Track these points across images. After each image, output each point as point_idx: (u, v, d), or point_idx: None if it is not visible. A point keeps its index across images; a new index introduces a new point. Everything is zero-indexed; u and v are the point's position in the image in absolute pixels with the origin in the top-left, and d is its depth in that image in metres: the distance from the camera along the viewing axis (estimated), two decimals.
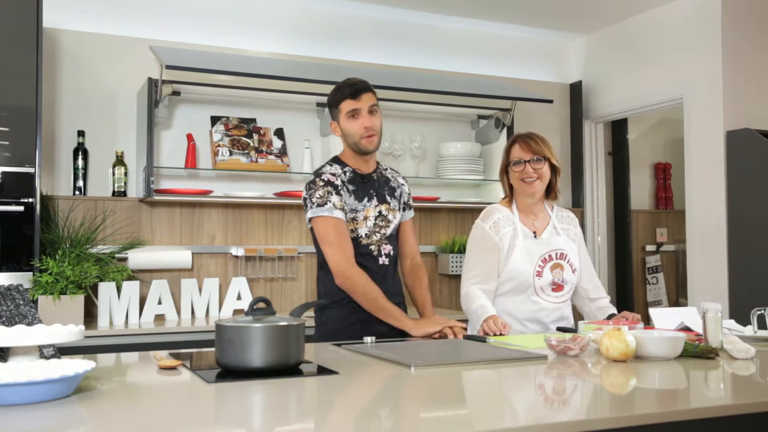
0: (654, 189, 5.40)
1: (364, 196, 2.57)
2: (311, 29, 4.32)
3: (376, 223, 2.58)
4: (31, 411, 1.34)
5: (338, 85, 2.61)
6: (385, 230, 2.61)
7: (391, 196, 2.66)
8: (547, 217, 2.77)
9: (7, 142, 3.09)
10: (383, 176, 2.70)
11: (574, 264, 2.69)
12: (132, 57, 3.86)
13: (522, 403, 1.58)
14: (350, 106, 2.55)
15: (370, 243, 2.57)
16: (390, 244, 2.63)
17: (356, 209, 2.54)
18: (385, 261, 2.60)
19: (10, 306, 1.81)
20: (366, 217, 2.56)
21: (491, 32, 4.80)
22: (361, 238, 2.55)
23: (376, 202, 2.60)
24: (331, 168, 2.59)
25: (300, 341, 1.78)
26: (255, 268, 3.99)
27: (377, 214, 2.59)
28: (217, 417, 1.42)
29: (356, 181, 2.59)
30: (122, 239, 3.71)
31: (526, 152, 2.68)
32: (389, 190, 2.67)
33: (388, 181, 2.70)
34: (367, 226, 2.56)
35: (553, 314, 2.66)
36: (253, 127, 4.02)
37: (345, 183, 2.55)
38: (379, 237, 2.59)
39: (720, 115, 4.01)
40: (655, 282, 5.25)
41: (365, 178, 2.61)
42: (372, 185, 2.62)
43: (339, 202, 2.49)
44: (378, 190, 2.63)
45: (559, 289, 2.66)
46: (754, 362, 1.97)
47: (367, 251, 2.56)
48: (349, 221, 2.53)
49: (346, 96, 2.56)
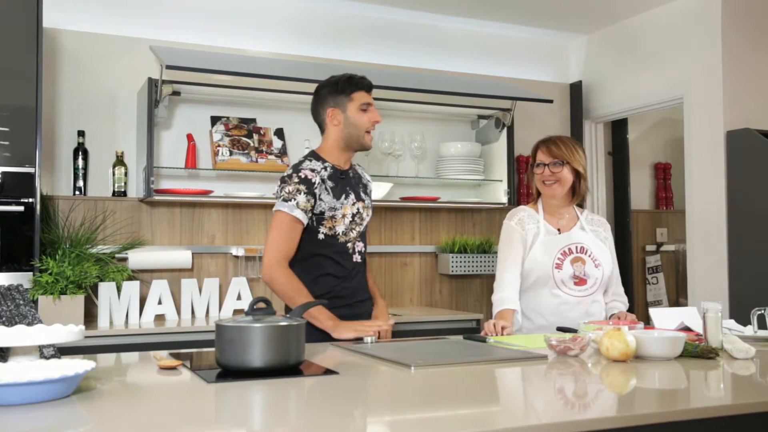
0: (654, 189, 5.40)
1: (342, 193, 2.55)
2: (311, 29, 4.32)
3: (354, 221, 2.57)
4: (31, 411, 1.34)
5: (347, 75, 2.57)
6: (359, 228, 2.60)
7: (365, 194, 2.67)
8: (575, 218, 2.79)
9: (7, 142, 3.09)
10: (356, 173, 2.68)
11: (597, 259, 2.69)
12: (132, 57, 3.86)
13: (522, 404, 1.58)
14: (365, 99, 2.54)
15: (347, 241, 2.56)
16: (362, 241, 2.63)
17: (335, 207, 2.51)
18: (358, 258, 2.60)
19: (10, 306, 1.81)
20: (344, 214, 2.54)
21: (491, 32, 4.80)
22: (338, 235, 2.53)
23: (354, 199, 2.58)
24: (311, 164, 2.54)
25: (300, 341, 1.78)
26: (255, 268, 3.99)
27: (355, 212, 2.58)
28: (217, 417, 1.42)
29: (336, 177, 2.55)
30: (122, 239, 3.71)
31: (547, 155, 2.72)
32: (362, 187, 2.67)
33: (360, 178, 2.69)
34: (344, 223, 2.54)
35: (576, 309, 2.64)
36: (253, 127, 4.02)
37: (324, 180, 2.51)
38: (354, 235, 2.58)
39: (720, 115, 4.01)
40: (655, 282, 5.25)
41: (343, 174, 2.59)
42: (349, 182, 2.60)
43: (304, 203, 2.46)
44: (354, 188, 2.61)
45: (581, 283, 2.66)
46: (755, 362, 1.97)
47: (344, 249, 2.56)
48: (327, 219, 2.50)
49: (362, 88, 2.55)
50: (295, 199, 2.46)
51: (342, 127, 2.56)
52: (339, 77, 2.58)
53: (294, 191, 2.46)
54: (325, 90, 2.60)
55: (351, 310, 2.56)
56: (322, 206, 2.49)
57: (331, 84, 2.59)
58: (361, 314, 2.59)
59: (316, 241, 2.52)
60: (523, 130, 4.71)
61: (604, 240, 2.78)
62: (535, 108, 4.75)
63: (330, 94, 2.58)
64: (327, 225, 2.51)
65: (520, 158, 4.72)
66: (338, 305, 2.50)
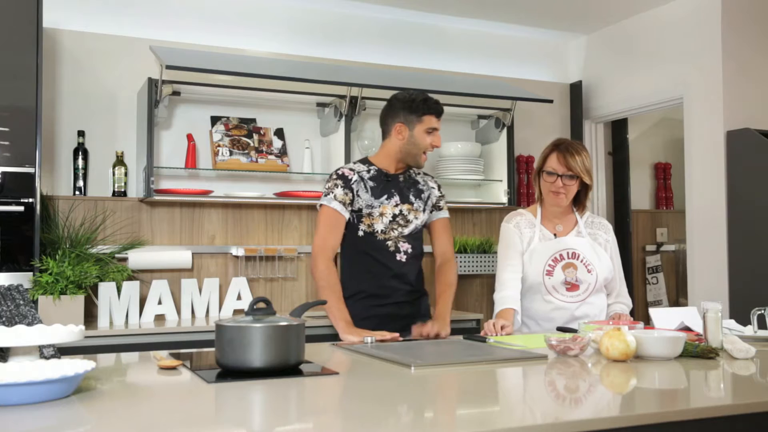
0: (654, 189, 5.40)
1: (383, 193, 2.67)
2: (311, 29, 4.32)
3: (395, 221, 2.66)
4: (31, 411, 1.34)
5: (423, 97, 2.67)
6: (403, 229, 2.68)
7: (417, 198, 2.74)
8: (573, 222, 2.77)
9: (7, 142, 3.09)
10: (411, 179, 2.78)
11: (591, 264, 2.67)
12: (132, 57, 3.86)
13: (521, 404, 1.58)
14: (433, 124, 2.67)
15: (387, 239, 2.65)
16: (410, 242, 2.70)
17: (372, 205, 2.64)
18: (403, 258, 2.67)
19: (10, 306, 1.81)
20: (382, 213, 2.65)
21: (491, 32, 4.80)
22: (377, 233, 2.64)
23: (398, 201, 2.68)
24: (353, 165, 2.73)
25: (300, 341, 1.78)
26: (255, 268, 3.99)
27: (398, 213, 2.67)
28: (217, 417, 1.42)
29: (379, 179, 2.69)
30: (122, 239, 3.71)
31: (561, 165, 2.67)
32: (415, 191, 2.75)
33: (416, 183, 2.78)
34: (383, 222, 2.64)
35: (568, 314, 2.64)
36: (253, 127, 4.02)
37: (365, 179, 2.66)
38: (396, 234, 2.66)
39: (720, 115, 4.01)
40: (656, 282, 5.25)
41: (390, 177, 2.71)
42: (395, 185, 2.71)
43: (342, 195, 2.62)
44: (402, 191, 2.71)
45: (574, 289, 2.66)
46: (754, 362, 1.97)
47: (383, 246, 2.65)
48: (365, 216, 2.64)
49: (433, 112, 2.67)
50: (333, 192, 2.63)
51: (404, 143, 2.68)
52: (415, 95, 2.68)
53: (332, 186, 2.64)
54: (399, 104, 2.70)
55: (387, 310, 2.61)
56: (360, 203, 2.64)
57: (406, 100, 2.69)
58: (403, 315, 2.65)
59: (357, 238, 2.66)
60: (523, 130, 4.72)
61: (604, 243, 2.76)
62: (535, 108, 4.75)
63: (403, 109, 2.68)
64: (366, 222, 2.64)
65: (520, 158, 4.72)
66: (375, 303, 2.59)
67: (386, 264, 2.64)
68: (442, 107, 2.72)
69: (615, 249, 2.80)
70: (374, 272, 2.64)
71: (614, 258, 2.78)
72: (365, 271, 2.65)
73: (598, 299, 2.72)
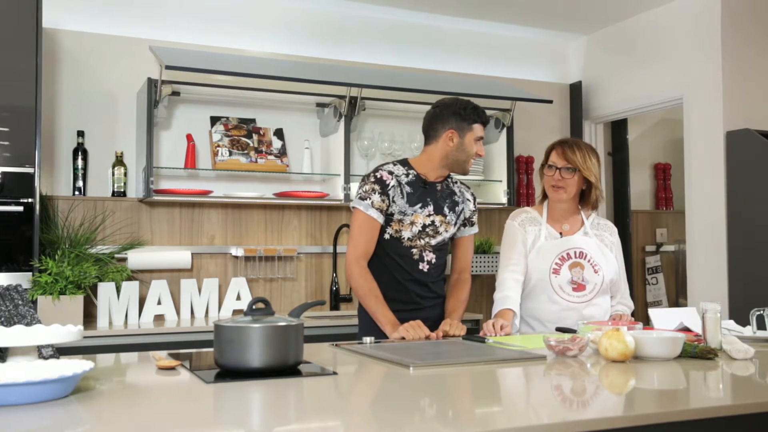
0: (654, 189, 5.40)
1: (419, 201, 2.60)
2: (311, 29, 4.32)
3: (424, 231, 2.60)
4: (30, 411, 1.34)
5: (473, 105, 2.63)
6: (431, 239, 2.62)
7: (451, 210, 2.68)
8: (580, 222, 2.76)
9: (6, 142, 3.09)
10: (449, 188, 2.71)
11: (597, 264, 2.66)
12: (132, 57, 3.86)
13: (520, 404, 1.58)
14: (481, 133, 2.64)
15: (412, 246, 2.60)
16: (435, 253, 2.64)
17: (405, 212, 2.58)
18: (425, 267, 2.62)
19: (9, 306, 1.81)
20: (413, 222, 2.59)
21: (491, 32, 4.80)
22: (403, 239, 2.59)
23: (431, 210, 2.62)
24: (393, 167, 2.64)
25: (299, 342, 1.78)
26: (254, 268, 3.99)
27: (429, 223, 2.61)
28: (216, 417, 1.42)
29: (416, 185, 2.62)
30: (122, 239, 3.71)
31: (560, 159, 2.67)
32: (450, 203, 2.69)
33: (452, 194, 2.71)
34: (412, 231, 2.58)
35: (576, 316, 2.60)
36: (252, 128, 4.02)
37: (402, 184, 2.59)
38: (423, 243, 2.61)
39: (720, 115, 4.01)
40: (655, 282, 5.25)
41: (428, 184, 2.64)
42: (432, 194, 2.64)
43: (379, 202, 2.55)
44: (438, 201, 2.65)
45: (580, 289, 2.64)
46: (753, 363, 1.97)
47: (408, 253, 2.60)
48: (395, 222, 2.58)
49: (482, 122, 2.64)
50: (370, 199, 2.55)
51: (453, 150, 2.62)
52: (466, 103, 2.64)
53: (369, 191, 2.56)
54: (450, 110, 2.64)
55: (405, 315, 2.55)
56: (393, 208, 2.57)
57: (457, 107, 2.63)
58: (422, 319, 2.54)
59: (382, 240, 2.60)
60: (523, 130, 4.71)
61: (610, 245, 2.75)
62: (534, 108, 4.75)
63: (454, 116, 2.62)
64: (394, 227, 2.58)
65: (520, 158, 4.72)
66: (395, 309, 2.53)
67: (408, 270, 2.60)
68: (488, 118, 2.72)
69: (619, 251, 2.80)
70: (395, 275, 2.60)
71: (619, 260, 2.77)
72: (386, 273, 2.60)
73: (603, 301, 2.70)
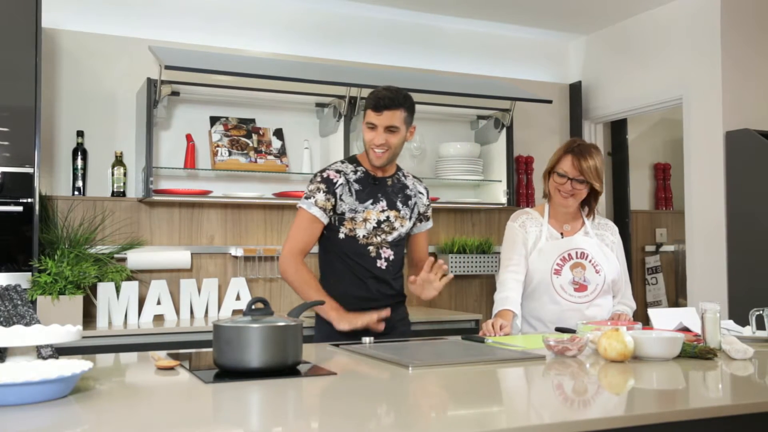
0: (653, 189, 5.40)
1: (369, 198, 2.55)
2: (311, 29, 4.32)
3: (380, 227, 2.56)
4: (29, 411, 1.34)
5: (378, 90, 2.52)
6: (387, 236, 2.58)
7: (404, 204, 2.62)
8: (581, 223, 2.76)
9: (6, 143, 3.09)
10: (400, 182, 2.65)
11: (599, 264, 2.66)
12: (131, 57, 3.86)
13: (519, 404, 1.58)
14: (369, 118, 2.50)
15: (368, 243, 2.55)
16: (392, 249, 2.60)
17: (356, 209, 2.53)
18: (383, 264, 2.58)
19: (8, 306, 1.81)
20: (366, 219, 2.54)
21: (491, 32, 4.80)
22: (358, 238, 2.54)
23: (384, 206, 2.57)
24: (341, 165, 2.60)
25: (298, 342, 1.78)
26: (254, 268, 3.99)
27: (383, 219, 2.56)
28: (215, 417, 1.42)
29: (366, 181, 2.57)
30: (121, 239, 3.71)
31: (574, 169, 2.63)
32: (403, 197, 2.63)
33: (404, 188, 2.65)
34: (366, 228, 2.54)
35: (578, 317, 2.58)
36: (252, 128, 4.02)
37: (351, 182, 2.54)
38: (379, 240, 2.56)
39: (719, 115, 4.01)
40: (655, 282, 5.25)
41: (377, 180, 2.59)
42: (383, 189, 2.59)
43: (323, 201, 2.51)
44: (390, 196, 2.60)
45: (582, 289, 2.64)
46: (753, 363, 1.97)
47: (365, 251, 2.55)
48: (348, 220, 2.53)
49: (370, 106, 2.50)
50: (314, 197, 2.52)
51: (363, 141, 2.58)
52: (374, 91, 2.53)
53: (315, 190, 2.53)
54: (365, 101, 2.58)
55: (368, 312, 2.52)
56: (343, 207, 2.52)
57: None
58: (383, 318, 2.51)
59: (337, 240, 2.56)
60: (523, 130, 4.71)
61: (611, 245, 2.75)
62: (534, 108, 4.75)
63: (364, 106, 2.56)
64: (347, 226, 2.54)
65: (520, 159, 4.72)
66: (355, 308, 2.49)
67: (367, 268, 2.55)
68: (383, 101, 2.45)
69: (621, 251, 2.80)
70: (356, 274, 2.55)
71: (620, 259, 2.77)
72: (347, 273, 2.56)
73: (605, 301, 2.70)
